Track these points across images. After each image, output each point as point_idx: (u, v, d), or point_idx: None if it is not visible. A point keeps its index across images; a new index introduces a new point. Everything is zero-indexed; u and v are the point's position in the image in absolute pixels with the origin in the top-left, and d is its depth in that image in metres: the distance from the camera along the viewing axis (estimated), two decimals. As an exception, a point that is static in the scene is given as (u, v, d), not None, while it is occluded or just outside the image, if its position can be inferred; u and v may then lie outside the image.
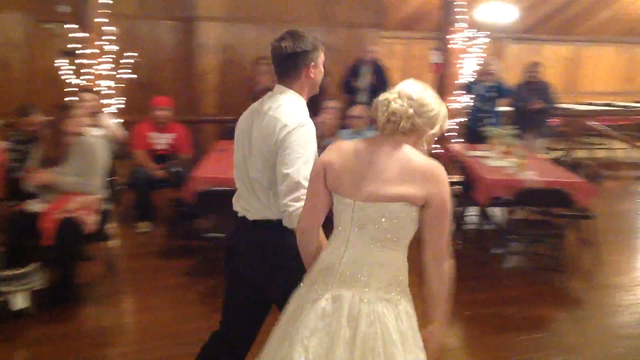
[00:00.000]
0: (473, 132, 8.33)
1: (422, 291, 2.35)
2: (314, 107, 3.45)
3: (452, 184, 6.51)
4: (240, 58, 9.75)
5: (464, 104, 8.81)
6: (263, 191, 2.71)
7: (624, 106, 13.85)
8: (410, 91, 2.35)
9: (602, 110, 13.01)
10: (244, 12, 9.85)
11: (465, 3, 9.55)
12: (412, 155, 2.29)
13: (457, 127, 8.84)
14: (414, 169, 2.26)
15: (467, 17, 9.57)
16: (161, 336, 4.26)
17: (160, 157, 6.85)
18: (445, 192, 2.25)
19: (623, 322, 4.68)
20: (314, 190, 2.41)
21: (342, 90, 9.15)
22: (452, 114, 8.30)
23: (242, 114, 2.95)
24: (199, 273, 5.38)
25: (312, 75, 2.75)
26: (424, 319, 2.39)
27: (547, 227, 5.66)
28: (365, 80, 8.87)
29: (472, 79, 8.95)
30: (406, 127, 2.30)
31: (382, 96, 2.37)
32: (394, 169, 2.27)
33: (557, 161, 7.03)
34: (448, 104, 3.58)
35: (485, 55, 9.62)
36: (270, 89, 2.86)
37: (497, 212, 6.76)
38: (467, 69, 9.69)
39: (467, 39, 9.67)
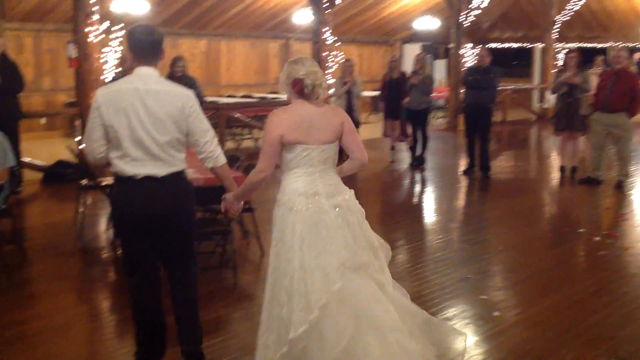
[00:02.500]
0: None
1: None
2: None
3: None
4: None
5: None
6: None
7: (262, 97, 14.67)
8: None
9: (243, 102, 13.58)
10: None
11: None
12: (327, 108, 3.54)
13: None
14: (333, 113, 3.52)
15: (98, 8, 8.99)
16: None
17: None
18: (347, 117, 3.58)
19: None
20: (274, 150, 3.38)
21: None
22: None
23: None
24: None
25: None
26: None
27: (213, 224, 5.56)
28: (-8, 78, 7.78)
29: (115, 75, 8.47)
30: (323, 94, 3.50)
31: (314, 68, 3.45)
32: (329, 119, 3.47)
33: (232, 162, 7.00)
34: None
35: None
36: None
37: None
38: (109, 63, 9.18)
39: (103, 32, 9.12)
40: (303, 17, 15.06)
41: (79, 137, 8.78)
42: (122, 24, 9.84)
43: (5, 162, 5.34)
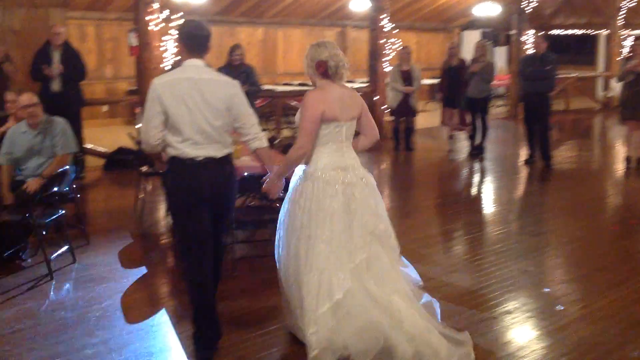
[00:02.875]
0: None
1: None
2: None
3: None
4: None
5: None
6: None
7: (318, 85, 14.60)
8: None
9: (299, 91, 13.55)
10: None
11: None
12: (349, 89, 3.91)
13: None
14: (354, 94, 3.90)
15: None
16: None
17: None
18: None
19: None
20: (316, 126, 3.68)
21: (32, 77, 8.10)
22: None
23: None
24: None
25: None
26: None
27: (270, 211, 5.55)
28: (56, 65, 7.94)
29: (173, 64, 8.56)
30: (346, 75, 3.83)
31: (336, 51, 3.77)
32: (354, 99, 3.85)
33: (270, 143, 7.00)
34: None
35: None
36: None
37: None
38: (169, 51, 9.29)
39: (163, 21, 9.22)
40: (360, 4, 14.91)
41: (140, 125, 8.92)
42: (181, 13, 9.92)
43: (67, 147, 5.44)
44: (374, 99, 12.36)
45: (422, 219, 7.23)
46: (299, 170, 3.86)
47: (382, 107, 12.21)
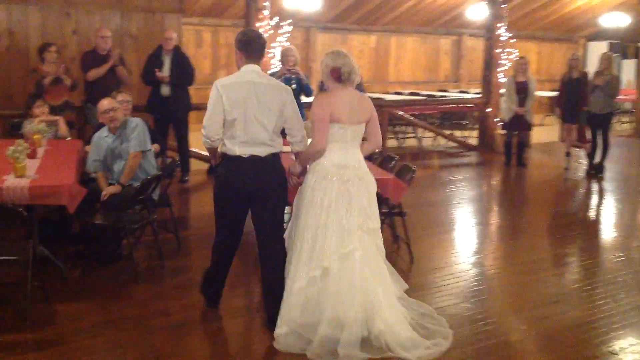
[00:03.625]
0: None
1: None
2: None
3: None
4: (24, 45, 8.55)
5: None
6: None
7: (429, 95, 14.26)
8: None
9: (409, 100, 13.26)
10: (24, -7, 8.63)
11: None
12: (360, 95, 4.25)
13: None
14: (365, 100, 4.23)
15: (268, 3, 9.10)
16: None
17: None
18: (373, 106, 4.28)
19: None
20: (326, 125, 4.04)
21: (144, 81, 8.32)
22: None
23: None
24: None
25: None
26: None
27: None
28: (167, 70, 8.10)
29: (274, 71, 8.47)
30: (357, 80, 4.18)
31: (349, 59, 4.10)
32: (363, 104, 4.18)
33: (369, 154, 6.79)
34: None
35: (286, 44, 9.27)
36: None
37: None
38: (276, 58, 9.28)
39: (272, 28, 9.23)
40: (477, 12, 14.42)
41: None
42: (290, 20, 9.92)
43: (137, 145, 5.35)
44: (487, 110, 11.86)
45: (529, 241, 6.75)
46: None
47: (495, 120, 11.69)
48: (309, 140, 4.21)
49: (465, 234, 6.91)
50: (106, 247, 5.23)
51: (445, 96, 14.26)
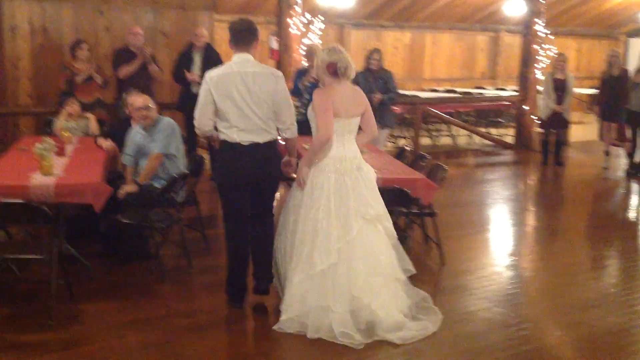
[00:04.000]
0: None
1: None
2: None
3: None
4: (58, 42, 8.61)
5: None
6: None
7: (465, 92, 14.02)
8: None
9: (444, 98, 13.05)
10: (58, -10, 8.68)
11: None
12: (356, 89, 4.36)
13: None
14: (359, 93, 4.34)
15: (300, 0, 9.02)
16: None
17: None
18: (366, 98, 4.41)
19: (474, 332, 4.30)
20: (331, 116, 4.13)
21: (175, 79, 8.29)
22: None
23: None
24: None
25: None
26: None
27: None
28: (197, 68, 8.03)
29: (301, 69, 8.37)
30: (353, 74, 4.25)
31: (344, 54, 4.17)
32: (357, 98, 4.29)
33: (400, 153, 6.67)
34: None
35: (317, 42, 9.20)
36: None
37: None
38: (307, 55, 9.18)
39: (303, 24, 9.14)
40: (515, 7, 14.12)
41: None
42: (321, 17, 9.80)
43: (162, 147, 5.24)
44: (524, 108, 11.60)
45: (567, 243, 6.55)
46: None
47: (532, 118, 11.43)
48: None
49: (500, 235, 6.73)
50: (132, 245, 5.20)
51: (481, 93, 14.02)
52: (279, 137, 4.40)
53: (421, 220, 5.83)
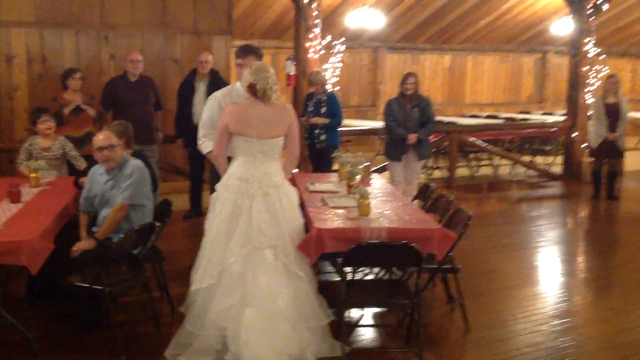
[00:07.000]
0: (314, 150, 7.62)
1: None
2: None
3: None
4: (58, 71, 7.97)
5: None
6: None
7: (509, 118, 13.01)
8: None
9: (484, 124, 12.07)
10: (59, 16, 8.12)
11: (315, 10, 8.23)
12: (279, 108, 4.21)
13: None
14: (284, 115, 4.21)
15: (317, 22, 8.27)
16: None
17: None
18: (295, 120, 4.29)
19: None
20: (221, 136, 4.17)
21: (176, 119, 7.62)
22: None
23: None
24: None
25: None
26: None
27: (398, 287, 4.29)
28: (202, 97, 7.23)
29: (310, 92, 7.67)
30: (276, 95, 4.18)
31: (269, 72, 4.11)
32: (280, 119, 4.18)
33: (424, 190, 5.76)
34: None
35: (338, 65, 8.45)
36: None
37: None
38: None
39: (323, 48, 8.38)
40: (563, 27, 13.06)
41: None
42: (343, 39, 9.01)
43: (128, 197, 4.45)
44: (572, 135, 10.53)
45: (624, 296, 5.49)
46: None
47: (582, 146, 10.35)
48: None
49: (543, 290, 5.64)
50: (88, 311, 4.39)
51: (526, 119, 12.98)
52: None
53: (443, 276, 4.90)
